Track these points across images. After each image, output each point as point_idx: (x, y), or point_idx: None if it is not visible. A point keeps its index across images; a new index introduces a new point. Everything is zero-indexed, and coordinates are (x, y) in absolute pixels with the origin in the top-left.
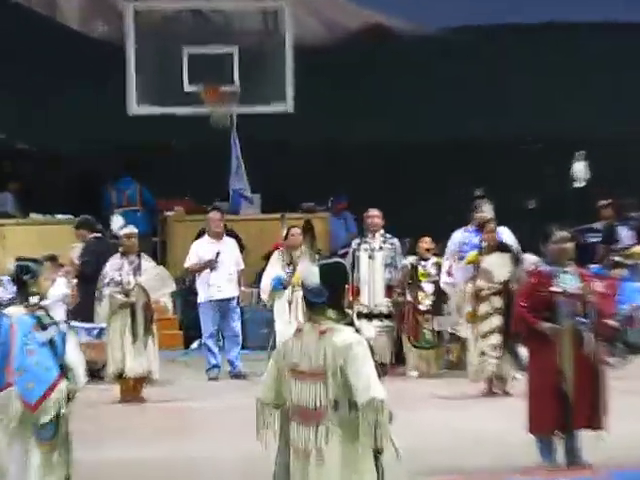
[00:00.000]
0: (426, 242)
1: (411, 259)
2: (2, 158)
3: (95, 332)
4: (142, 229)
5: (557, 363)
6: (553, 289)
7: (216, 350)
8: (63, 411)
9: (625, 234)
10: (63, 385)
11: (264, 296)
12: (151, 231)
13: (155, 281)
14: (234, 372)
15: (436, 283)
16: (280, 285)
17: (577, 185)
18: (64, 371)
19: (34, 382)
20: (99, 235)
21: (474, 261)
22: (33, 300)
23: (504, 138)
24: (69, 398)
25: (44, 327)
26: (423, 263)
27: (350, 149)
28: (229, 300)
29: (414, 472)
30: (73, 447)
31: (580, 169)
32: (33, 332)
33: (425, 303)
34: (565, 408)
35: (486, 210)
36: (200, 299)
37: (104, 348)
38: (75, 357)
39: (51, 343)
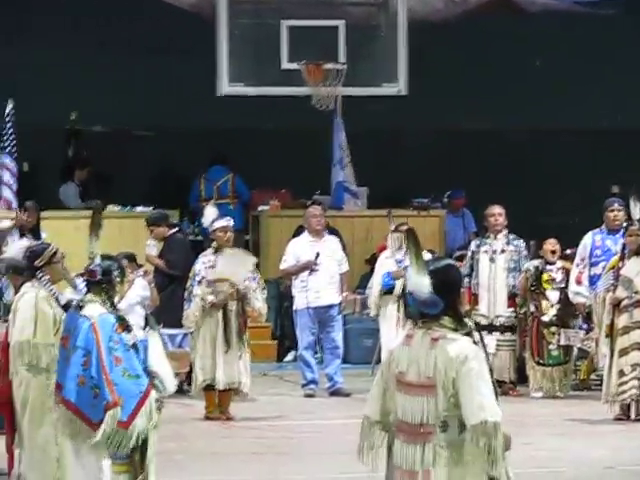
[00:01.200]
0: (551, 244)
1: (536, 262)
2: (74, 143)
3: (178, 339)
4: (235, 224)
5: None
6: None
7: (313, 363)
8: (153, 424)
9: None
10: (154, 395)
11: (371, 305)
12: (244, 228)
13: (229, 262)
14: (333, 388)
15: (562, 291)
16: (391, 280)
17: None
18: (150, 379)
19: (124, 396)
20: (177, 230)
21: (614, 267)
22: (115, 299)
23: None
24: (158, 409)
25: (128, 328)
26: (549, 267)
27: (470, 138)
28: (329, 307)
29: None
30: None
31: None
32: (118, 333)
33: (550, 314)
34: None
35: (633, 210)
36: (297, 306)
37: (187, 358)
38: (160, 361)
39: (134, 347)
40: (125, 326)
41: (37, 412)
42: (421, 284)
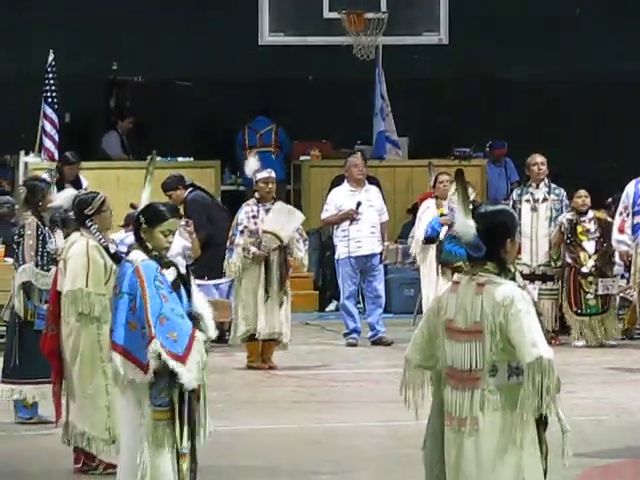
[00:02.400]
0: (581, 195)
1: (568, 215)
2: (115, 93)
3: (225, 288)
4: (277, 174)
5: None
6: None
7: (355, 313)
8: (203, 364)
9: None
10: (201, 335)
11: (413, 250)
12: (285, 178)
13: (278, 217)
14: (375, 337)
15: (597, 241)
16: (439, 226)
17: None
18: (196, 321)
19: (176, 331)
20: (192, 190)
21: None
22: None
23: None
24: (205, 350)
25: (167, 266)
26: (582, 219)
27: (513, 87)
28: (371, 257)
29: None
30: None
31: None
32: (162, 274)
33: (588, 265)
34: None
35: None
36: (338, 255)
37: (229, 307)
38: (204, 305)
39: (175, 288)
40: (166, 265)
41: (87, 362)
42: (466, 226)
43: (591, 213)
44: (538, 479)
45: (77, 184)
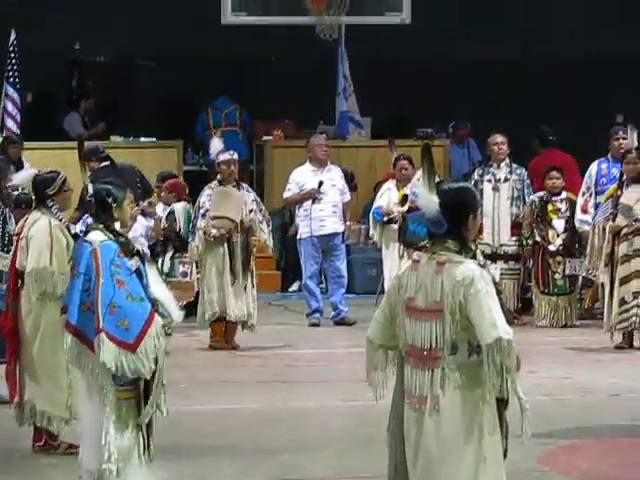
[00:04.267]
0: (553, 177)
1: (540, 193)
2: (77, 73)
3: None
4: (242, 155)
5: None
6: None
7: (318, 292)
8: (162, 348)
9: None
10: (159, 319)
11: (372, 232)
12: (249, 158)
13: (219, 203)
14: (338, 317)
15: (568, 221)
16: (379, 217)
17: None
18: (154, 305)
19: (129, 318)
20: (109, 164)
21: (613, 195)
22: (115, 226)
23: None
24: (167, 334)
25: (131, 253)
26: (554, 198)
27: (476, 68)
28: (333, 236)
29: (539, 433)
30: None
31: None
32: (120, 257)
33: (556, 243)
34: None
35: (630, 138)
36: (300, 235)
37: (192, 288)
38: (162, 289)
39: (137, 273)
40: (128, 251)
41: (48, 340)
42: (429, 201)
43: (564, 194)
44: (498, 458)
45: (20, 165)
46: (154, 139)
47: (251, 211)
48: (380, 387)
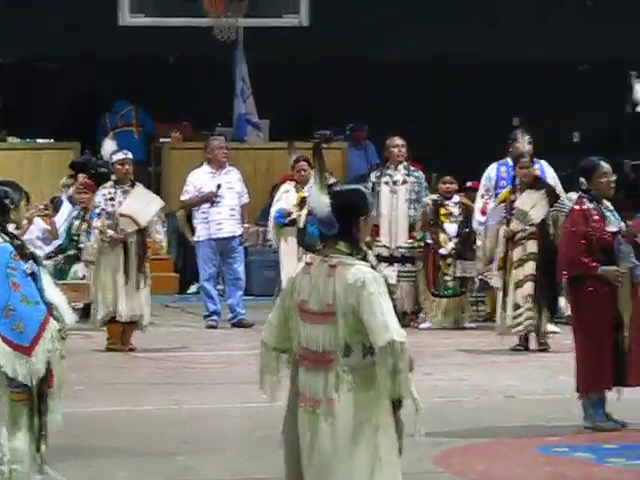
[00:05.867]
0: (446, 181)
1: (434, 196)
2: None
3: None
4: (138, 155)
5: (616, 312)
6: (610, 229)
7: (215, 295)
8: (57, 352)
9: None
10: (54, 322)
11: (271, 235)
12: (147, 159)
13: (136, 201)
14: (235, 320)
15: (460, 225)
16: (282, 219)
17: (637, 108)
18: (49, 309)
19: (24, 322)
20: None
21: (506, 199)
22: (10, 228)
23: (549, 58)
24: (62, 338)
25: (26, 257)
26: (446, 202)
27: (373, 69)
28: (231, 239)
29: (435, 434)
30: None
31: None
32: (16, 260)
33: (447, 247)
34: (621, 362)
35: (521, 142)
36: (198, 237)
37: (86, 290)
38: (56, 293)
39: (33, 276)
40: (23, 254)
41: None
42: (320, 202)
43: (457, 197)
44: (394, 457)
45: None
46: (52, 140)
47: (150, 220)
48: (273, 390)
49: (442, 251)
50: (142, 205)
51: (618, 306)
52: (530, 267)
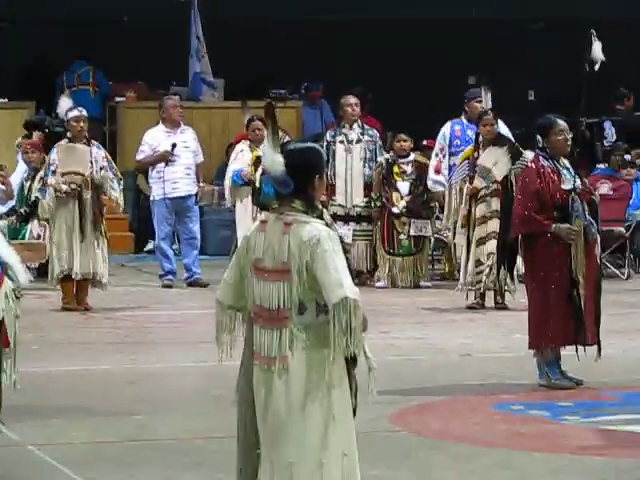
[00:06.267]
0: (400, 139)
1: (387, 155)
2: None
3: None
4: (94, 112)
5: (571, 269)
6: (564, 187)
7: (171, 254)
8: (12, 312)
9: (609, 130)
10: (8, 282)
11: (227, 194)
12: (103, 118)
13: (71, 157)
14: (191, 279)
15: (413, 183)
16: (240, 180)
17: (595, 67)
18: (3, 268)
19: None
20: None
21: (469, 157)
22: None
23: (501, 17)
24: (16, 297)
25: None
26: (400, 160)
27: (329, 28)
28: (186, 198)
29: (391, 392)
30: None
31: (599, 49)
32: None
33: (400, 205)
34: (577, 320)
35: (484, 100)
36: (153, 197)
37: (43, 249)
38: (10, 252)
39: None
40: None
41: None
42: (274, 161)
43: (412, 156)
44: (348, 416)
45: None
46: (5, 100)
47: (102, 168)
48: (229, 348)
49: (394, 210)
50: (73, 159)
51: (572, 264)
52: (494, 224)
